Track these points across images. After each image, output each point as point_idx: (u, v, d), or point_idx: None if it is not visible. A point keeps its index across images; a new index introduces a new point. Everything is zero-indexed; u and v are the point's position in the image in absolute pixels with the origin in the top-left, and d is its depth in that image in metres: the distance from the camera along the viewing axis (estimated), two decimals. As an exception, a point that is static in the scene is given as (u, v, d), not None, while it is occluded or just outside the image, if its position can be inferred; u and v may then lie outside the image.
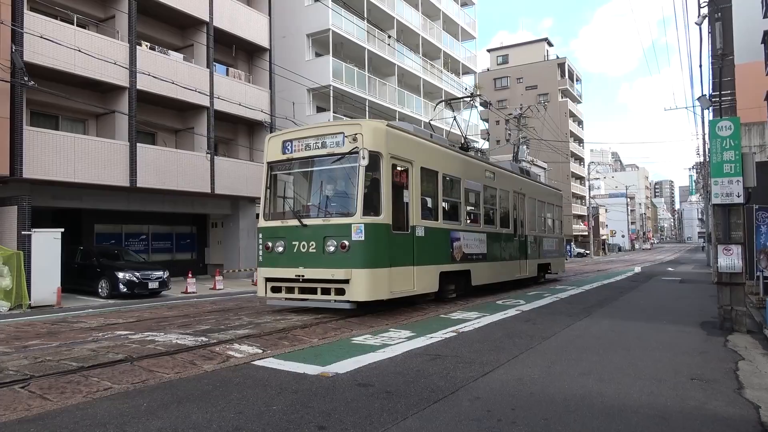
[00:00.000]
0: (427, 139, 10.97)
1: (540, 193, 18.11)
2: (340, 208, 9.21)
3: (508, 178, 15.18)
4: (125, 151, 17.62)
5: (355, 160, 8.89)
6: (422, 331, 7.71)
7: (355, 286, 8.76)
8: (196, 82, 19.72)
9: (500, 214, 14.37)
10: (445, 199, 11.36)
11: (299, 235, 9.25)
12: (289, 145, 9.85)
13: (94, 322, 9.79)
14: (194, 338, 7.62)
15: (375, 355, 6.08)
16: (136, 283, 15.44)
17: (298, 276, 9.17)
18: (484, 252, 13.10)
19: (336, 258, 8.86)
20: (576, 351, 6.30)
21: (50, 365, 6.02)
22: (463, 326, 8.12)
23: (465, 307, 11.06)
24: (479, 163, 13.41)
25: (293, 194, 10.30)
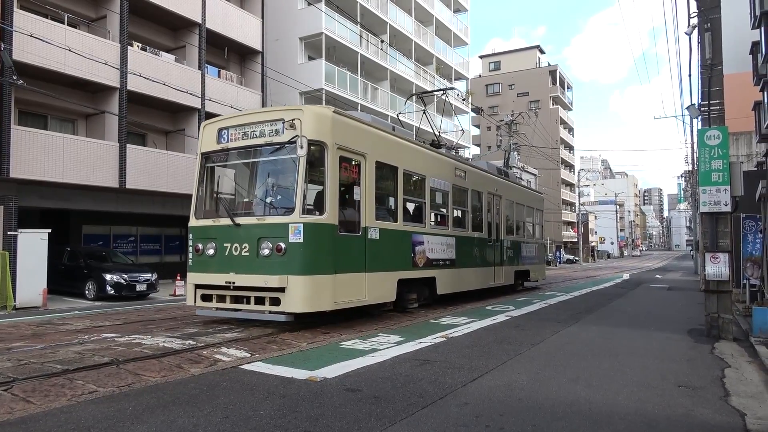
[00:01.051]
0: (387, 131, 10.01)
1: (519, 195, 17.09)
2: (277, 205, 8.33)
3: (482, 177, 14.24)
4: (115, 151, 17.50)
5: (294, 150, 7.93)
6: (411, 336, 7.69)
7: (291, 295, 7.76)
8: (188, 84, 19.64)
9: (472, 217, 13.45)
10: (406, 198, 10.46)
11: (232, 236, 8.31)
12: (225, 133, 8.94)
13: (80, 324, 9.69)
14: (181, 341, 7.55)
15: (364, 359, 6.05)
16: (124, 285, 15.31)
17: (229, 283, 8.18)
18: (453, 257, 12.13)
19: (271, 262, 7.90)
20: (565, 357, 6.32)
21: (34, 367, 5.93)
22: (452, 331, 8.11)
23: (454, 312, 11.05)
24: (448, 160, 12.46)
25: (228, 189, 9.37)
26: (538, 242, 19.30)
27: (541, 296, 14.90)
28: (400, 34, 33.78)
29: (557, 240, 69.21)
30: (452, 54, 41.09)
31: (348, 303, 8.48)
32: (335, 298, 8.17)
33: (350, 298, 8.51)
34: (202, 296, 8.63)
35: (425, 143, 12.24)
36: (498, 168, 16.46)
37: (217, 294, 8.46)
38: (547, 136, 61.44)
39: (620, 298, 14.64)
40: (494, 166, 16.47)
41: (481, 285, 13.69)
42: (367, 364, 5.84)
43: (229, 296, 8.34)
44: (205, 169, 9.21)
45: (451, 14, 41.51)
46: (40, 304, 13.60)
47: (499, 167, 16.89)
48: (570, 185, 79.02)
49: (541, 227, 20.49)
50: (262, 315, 8.07)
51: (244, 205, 8.78)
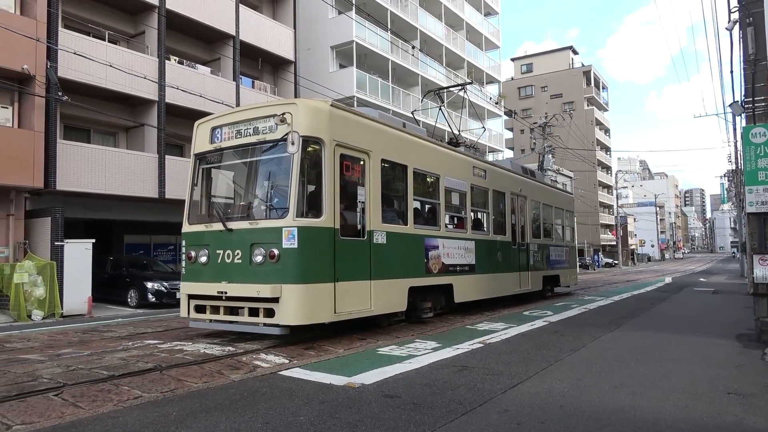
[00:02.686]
0: (394, 126, 9.55)
1: (546, 195, 16.48)
2: (271, 208, 7.97)
3: (504, 177, 13.70)
4: (154, 162, 17.99)
5: (287, 148, 7.53)
6: (448, 342, 7.64)
7: (286, 305, 7.32)
8: (223, 95, 20.07)
9: (494, 219, 12.95)
10: (417, 199, 10.05)
11: (224, 242, 7.93)
12: (219, 132, 8.60)
13: (124, 331, 9.97)
14: (221, 348, 7.69)
15: (401, 365, 6.05)
16: (165, 292, 15.67)
17: (221, 293, 7.82)
18: (472, 263, 11.62)
19: (264, 270, 7.50)
20: (606, 363, 6.18)
21: (82, 373, 6.13)
22: (489, 337, 8.03)
23: (491, 317, 10.92)
24: (465, 158, 11.90)
25: (222, 192, 9.11)
26: (569, 245, 18.77)
27: (579, 301, 14.60)
28: (431, 39, 33.79)
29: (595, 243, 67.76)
30: (483, 57, 40.85)
31: (351, 314, 8.01)
32: (337, 308, 7.73)
33: (354, 309, 8.06)
34: (196, 307, 8.32)
35: (442, 141, 11.92)
36: (523, 167, 16.02)
37: (211, 305, 8.12)
38: (583, 138, 60.38)
39: (663, 302, 14.24)
40: (518, 165, 16.05)
41: (504, 292, 13.24)
42: (404, 370, 5.83)
43: (223, 307, 8.01)
44: (198, 171, 8.90)
45: (482, 18, 41.31)
46: (86, 312, 14.05)
47: (524, 166, 16.39)
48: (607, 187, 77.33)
49: (572, 230, 19.94)
50: (256, 328, 7.70)
51: (238, 209, 8.48)
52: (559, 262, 17.33)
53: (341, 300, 7.87)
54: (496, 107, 40.29)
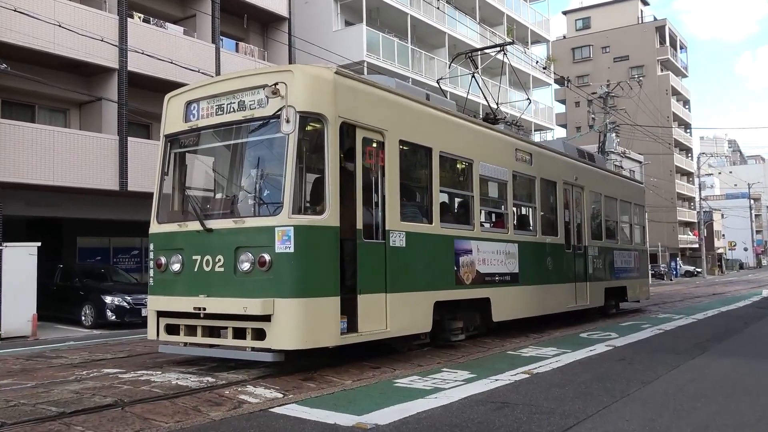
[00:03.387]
0: (416, 99, 9.50)
1: (610, 186, 16.53)
2: (260, 203, 7.97)
3: (555, 162, 13.67)
4: (114, 146, 18.16)
5: (280, 127, 7.46)
6: (484, 371, 7.61)
7: (279, 325, 7.26)
8: (200, 61, 20.18)
9: (542, 216, 12.99)
10: (445, 190, 10.16)
11: (202, 245, 7.91)
12: (195, 108, 8.54)
13: (77, 357, 10.07)
14: (198, 378, 7.73)
15: (425, 401, 6.03)
16: (128, 309, 15.81)
17: (198, 309, 7.76)
18: (515, 271, 11.59)
19: (252, 281, 7.49)
20: (687, 399, 6.11)
21: (25, 410, 6.19)
22: (537, 365, 7.98)
23: (539, 340, 10.85)
24: (506, 138, 11.88)
25: (199, 183, 9.10)
26: (638, 249, 18.66)
27: (651, 320, 14.47)
28: (461, -13, 33.72)
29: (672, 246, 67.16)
30: (527, 10, 40.68)
31: (361, 336, 7.98)
32: (342, 329, 7.72)
33: (365, 329, 8.05)
34: (167, 327, 8.29)
35: (476, 118, 11.88)
36: (580, 150, 15.92)
37: (186, 324, 8.07)
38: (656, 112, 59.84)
39: (760, 321, 14.06)
40: (573, 147, 15.92)
41: (556, 308, 13.14)
42: (428, 407, 5.81)
43: (201, 327, 7.98)
44: (169, 157, 8.87)
45: (525, -41, 41.13)
46: (29, 333, 14.21)
47: (581, 149, 16.30)
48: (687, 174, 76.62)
49: (643, 229, 19.76)
50: (242, 353, 7.70)
51: (220, 204, 8.49)
52: (625, 270, 17.21)
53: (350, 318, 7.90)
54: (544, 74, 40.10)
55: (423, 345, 9.89)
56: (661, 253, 60.24)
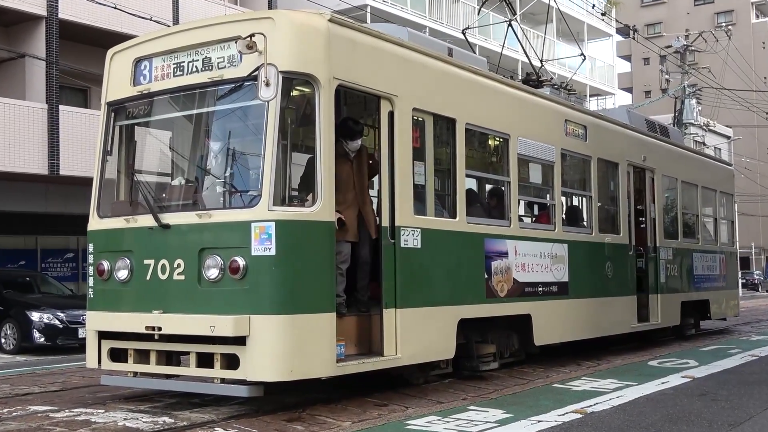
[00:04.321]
0: (434, 55, 9.51)
1: (688, 168, 16.59)
2: (232, 191, 8.02)
3: (617, 138, 13.74)
4: (41, 118, 18.17)
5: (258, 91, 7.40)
6: (523, 410, 7.62)
7: (257, 350, 7.23)
8: (153, 6, 20.15)
9: (600, 208, 12.99)
10: (472, 174, 10.25)
11: (157, 246, 7.89)
12: (146, 66, 8.42)
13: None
14: (152, 418, 7.74)
15: (446, 449, 6.06)
16: (60, 329, 15.82)
17: (152, 329, 7.67)
18: (563, 280, 11.62)
19: (222, 293, 7.47)
20: (789, 447, 6.13)
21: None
22: (592, 402, 7.99)
23: (595, 370, 10.84)
24: (552, 106, 11.95)
25: (152, 165, 9.14)
26: (726, 251, 18.60)
27: (742, 343, 14.48)
28: None
29: None
30: (581, -62, 40.52)
31: (363, 364, 8.07)
32: (341, 353, 7.75)
33: (366, 356, 8.23)
34: (112, 352, 8.26)
35: (513, 79, 11.88)
36: (649, 121, 15.91)
37: (136, 348, 8.05)
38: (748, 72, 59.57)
39: None
40: (641, 117, 15.90)
41: (617, 328, 13.19)
42: (451, 456, 5.84)
43: (155, 352, 7.94)
44: (113, 131, 8.83)
45: None
46: (-65, 360, 14.28)
47: (651, 120, 16.27)
48: (790, 154, 76.15)
49: (732, 224, 19.70)
50: (209, 386, 7.69)
51: (179, 193, 8.46)
52: (708, 278, 17.15)
53: (348, 340, 7.91)
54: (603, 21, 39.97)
55: (444, 376, 9.87)
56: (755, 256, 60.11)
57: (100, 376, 8.79)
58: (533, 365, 11.56)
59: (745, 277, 50.87)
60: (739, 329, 19.30)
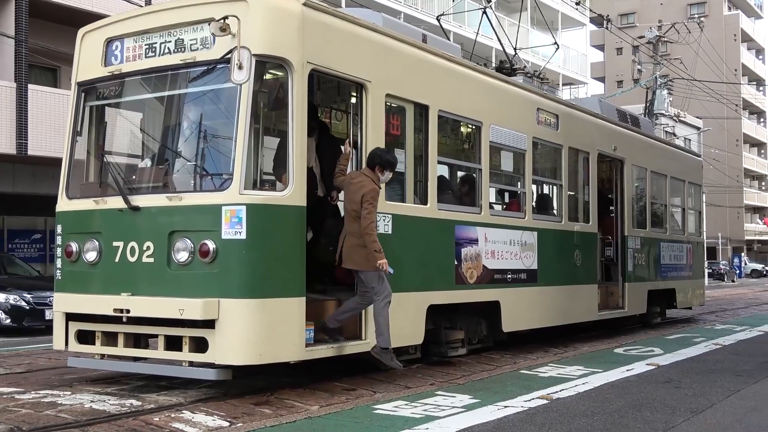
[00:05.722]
0: (408, 42, 9.50)
1: (657, 158, 16.74)
2: (203, 174, 8.00)
3: (589, 127, 13.80)
4: (9, 97, 17.96)
5: (230, 74, 7.40)
6: (490, 395, 7.68)
7: (227, 333, 7.26)
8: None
9: (570, 197, 13.11)
10: (444, 161, 10.32)
11: (126, 228, 7.87)
12: (118, 47, 8.37)
13: (-39, 372, 10.04)
14: (119, 401, 7.72)
15: (412, 434, 6.09)
16: (27, 310, 15.69)
17: (120, 311, 7.68)
18: (533, 267, 11.72)
19: (191, 276, 7.49)
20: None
21: None
22: (558, 389, 8.07)
23: (562, 357, 10.95)
24: (525, 95, 11.97)
25: (123, 147, 9.10)
26: (693, 241, 18.80)
27: (706, 332, 14.67)
28: None
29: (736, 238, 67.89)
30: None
31: (332, 348, 8.14)
32: (308, 339, 7.77)
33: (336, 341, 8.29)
34: (79, 334, 8.23)
35: (487, 67, 11.88)
36: (621, 111, 16.00)
37: (104, 331, 8.03)
38: (720, 64, 60.12)
39: None
40: (613, 107, 15.96)
41: (584, 315, 13.30)
42: (417, 441, 5.87)
43: (123, 335, 7.93)
44: (84, 112, 8.80)
45: None
46: None
47: (622, 110, 16.34)
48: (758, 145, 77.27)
49: (699, 215, 19.85)
50: (177, 369, 7.69)
51: (149, 175, 8.44)
52: (675, 268, 17.32)
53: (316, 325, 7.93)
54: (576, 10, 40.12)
55: (412, 361, 9.89)
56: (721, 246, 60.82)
57: (66, 358, 8.75)
58: (501, 352, 11.65)
59: (711, 267, 51.48)
60: (704, 318, 19.54)
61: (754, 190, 75.57)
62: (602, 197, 14.30)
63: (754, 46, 76.91)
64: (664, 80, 33.96)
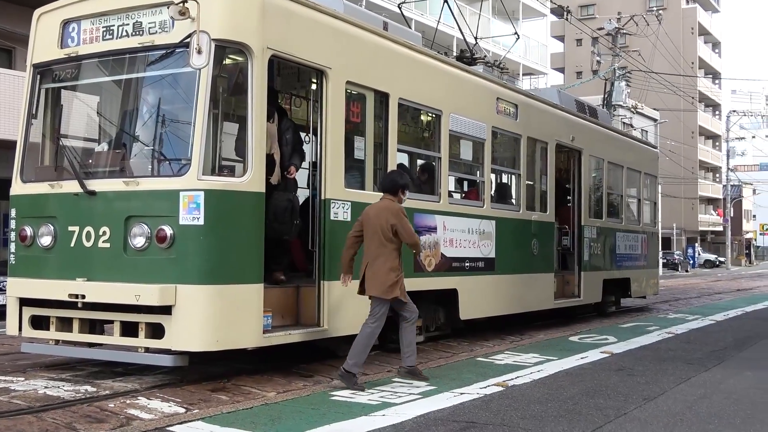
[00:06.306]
0: (369, 29, 9.50)
1: (614, 149, 16.93)
2: (161, 159, 7.93)
3: (547, 117, 13.93)
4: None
5: (189, 59, 7.32)
6: (447, 382, 7.75)
7: (183, 319, 7.23)
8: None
9: (528, 186, 13.26)
10: (404, 149, 10.37)
11: (82, 212, 7.81)
12: (75, 29, 8.27)
13: None
14: (74, 387, 7.67)
15: (369, 420, 6.11)
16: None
17: (75, 297, 7.62)
18: (491, 256, 11.80)
19: (148, 262, 7.46)
20: (698, 421, 6.33)
21: None
22: (513, 376, 8.17)
23: (518, 345, 11.06)
24: (485, 84, 12.04)
25: (79, 131, 8.97)
26: (648, 231, 19.07)
27: (660, 321, 14.90)
28: None
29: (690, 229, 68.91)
30: None
31: (290, 335, 8.12)
32: (266, 326, 7.78)
33: (293, 327, 8.30)
34: (33, 320, 8.18)
35: (447, 56, 11.90)
36: (579, 102, 16.15)
37: (58, 316, 7.98)
38: (677, 56, 60.86)
39: (792, 325, 14.59)
40: (571, 98, 16.13)
41: (541, 304, 13.48)
42: (374, 427, 5.88)
43: (78, 320, 7.88)
44: (39, 94, 8.73)
45: None
46: None
47: (581, 101, 16.51)
48: (713, 138, 78.37)
49: (654, 205, 20.14)
50: (133, 355, 7.67)
51: (106, 159, 8.37)
52: (630, 257, 17.54)
53: (274, 312, 7.94)
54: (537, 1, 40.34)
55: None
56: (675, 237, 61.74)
57: (20, 343, 8.65)
58: (458, 339, 11.73)
59: (666, 257, 52.23)
60: (657, 307, 19.84)
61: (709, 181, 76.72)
62: (560, 187, 14.45)
63: (711, 40, 77.90)
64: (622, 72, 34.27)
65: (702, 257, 65.27)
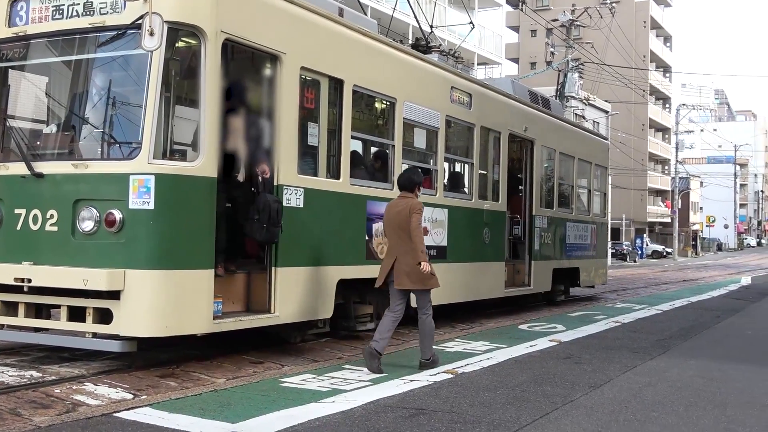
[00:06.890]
0: (324, 14, 9.45)
1: (566, 140, 17.10)
2: (111, 142, 7.84)
3: (501, 107, 14.01)
4: None
5: (141, 41, 7.24)
6: (396, 370, 7.79)
7: (132, 305, 7.20)
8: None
9: (481, 175, 13.32)
10: (358, 136, 10.38)
11: (29, 195, 7.77)
12: (23, 7, 8.18)
13: None
14: (19, 372, 7.59)
15: (319, 407, 6.12)
16: None
17: (21, 280, 7.58)
18: (442, 244, 11.87)
19: (96, 246, 7.40)
20: (641, 408, 6.45)
21: None
22: (463, 364, 8.24)
23: (468, 333, 11.15)
24: (440, 73, 12.13)
25: (27, 111, 8.91)
26: (597, 222, 19.30)
27: (607, 310, 15.15)
28: None
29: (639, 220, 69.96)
30: None
31: (240, 321, 8.15)
32: (217, 309, 7.79)
33: (244, 313, 8.37)
34: None
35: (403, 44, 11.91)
36: (532, 93, 16.27)
37: (4, 300, 7.94)
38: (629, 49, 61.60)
39: (735, 314, 14.90)
40: (525, 88, 16.22)
41: (491, 292, 13.59)
42: (323, 413, 5.90)
43: (24, 304, 7.82)
44: None
45: None
46: None
47: (534, 91, 16.63)
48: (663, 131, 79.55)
49: (604, 196, 20.40)
50: (80, 341, 7.57)
51: (54, 141, 8.36)
52: (579, 247, 17.76)
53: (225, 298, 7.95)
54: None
55: (321, 335, 9.96)
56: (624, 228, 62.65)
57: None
58: (409, 327, 11.71)
59: (614, 247, 52.99)
60: (605, 297, 20.15)
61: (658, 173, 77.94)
62: (512, 177, 14.57)
63: (663, 34, 78.96)
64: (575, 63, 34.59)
65: (650, 248, 66.28)
